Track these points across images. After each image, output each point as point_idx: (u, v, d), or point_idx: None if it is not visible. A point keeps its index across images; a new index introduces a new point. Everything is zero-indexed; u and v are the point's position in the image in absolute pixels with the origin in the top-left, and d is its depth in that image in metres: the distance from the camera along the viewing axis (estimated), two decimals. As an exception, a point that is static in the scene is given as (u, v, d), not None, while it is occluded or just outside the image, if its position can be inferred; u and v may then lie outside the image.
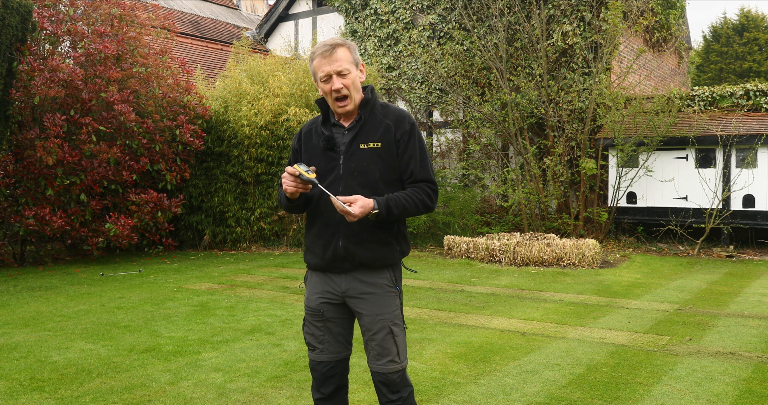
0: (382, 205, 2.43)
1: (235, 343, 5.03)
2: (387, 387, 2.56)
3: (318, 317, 2.63)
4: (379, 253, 2.53)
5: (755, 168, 10.44)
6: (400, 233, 2.60)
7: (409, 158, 2.54)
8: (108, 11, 10.13)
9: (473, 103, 12.46)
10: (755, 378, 4.12)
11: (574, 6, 11.81)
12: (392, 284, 2.58)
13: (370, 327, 2.56)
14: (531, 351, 4.76)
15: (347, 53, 2.51)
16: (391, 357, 2.56)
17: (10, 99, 9.02)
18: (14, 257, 9.76)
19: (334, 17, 15.53)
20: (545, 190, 11.85)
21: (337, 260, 2.54)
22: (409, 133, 2.56)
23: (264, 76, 11.67)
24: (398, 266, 2.64)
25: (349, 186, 2.50)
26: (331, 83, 2.49)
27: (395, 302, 2.59)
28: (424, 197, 2.53)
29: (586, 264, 8.95)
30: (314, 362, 2.67)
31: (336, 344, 2.65)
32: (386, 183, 2.53)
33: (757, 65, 27.68)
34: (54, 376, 4.23)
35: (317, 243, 2.58)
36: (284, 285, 7.80)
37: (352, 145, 2.53)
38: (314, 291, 2.64)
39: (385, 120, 2.56)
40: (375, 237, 2.52)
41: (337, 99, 2.52)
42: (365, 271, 2.55)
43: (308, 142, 2.64)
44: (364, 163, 2.51)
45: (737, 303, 6.58)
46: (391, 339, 2.55)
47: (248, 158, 11.38)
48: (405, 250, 2.63)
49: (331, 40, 2.51)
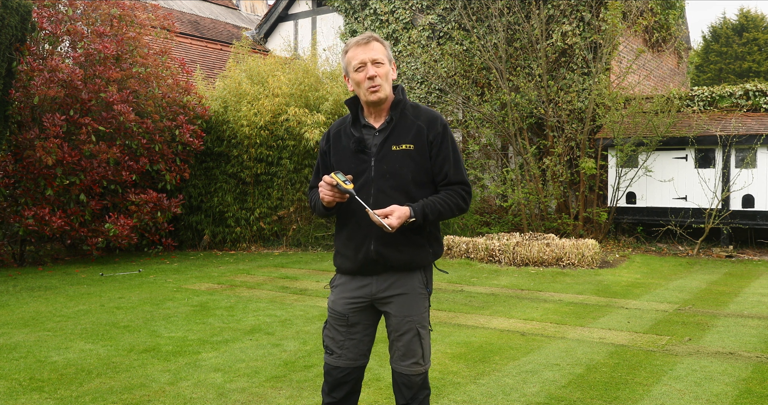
0: (418, 214, 2.40)
1: (234, 343, 5.03)
2: (408, 389, 2.54)
3: (342, 322, 2.58)
4: (411, 255, 2.50)
5: (755, 168, 10.44)
6: (432, 235, 2.58)
7: (443, 160, 2.52)
8: (107, 11, 10.13)
9: (473, 103, 12.46)
10: (755, 378, 4.12)
11: (573, 6, 11.81)
12: (423, 286, 2.56)
13: (397, 328, 2.53)
14: (530, 351, 4.76)
15: (382, 47, 2.51)
16: (416, 359, 2.54)
17: (10, 99, 9.02)
18: (14, 257, 9.76)
19: (333, 17, 15.54)
20: (545, 190, 11.85)
21: (369, 263, 2.51)
22: (442, 135, 2.53)
23: (264, 76, 11.67)
24: (430, 268, 2.61)
25: (380, 188, 2.47)
26: (365, 71, 2.46)
27: (425, 304, 2.57)
28: (458, 200, 2.51)
29: (585, 264, 8.96)
30: (330, 366, 2.62)
31: (355, 351, 2.60)
32: (418, 185, 2.50)
33: (757, 65, 27.69)
34: (53, 376, 4.23)
35: (349, 246, 2.55)
36: (284, 285, 7.80)
37: (384, 146, 2.50)
38: (342, 295, 2.60)
39: (417, 121, 2.53)
40: (408, 240, 2.49)
41: (369, 87, 2.48)
42: (397, 273, 2.52)
43: (337, 144, 2.60)
44: (396, 165, 2.48)
45: (737, 303, 6.59)
46: (418, 341, 2.53)
47: (248, 158, 11.38)
48: (438, 252, 2.61)
49: (368, 33, 2.53)
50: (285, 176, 11.35)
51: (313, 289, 7.54)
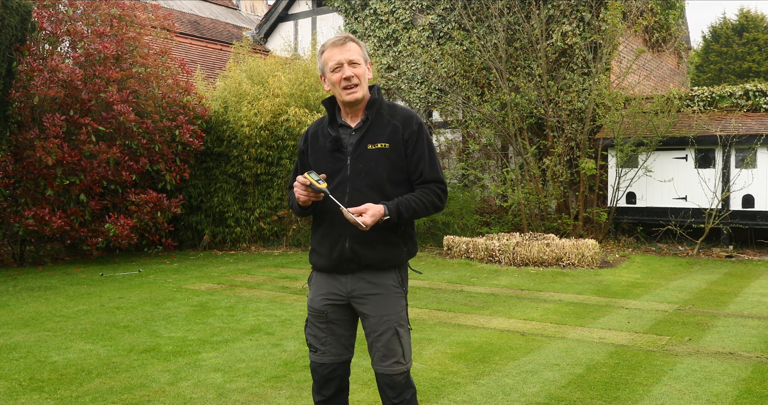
0: (392, 212, 2.42)
1: (234, 343, 5.03)
2: (392, 389, 2.55)
3: (321, 318, 2.61)
4: (386, 254, 2.52)
5: (754, 168, 10.44)
6: (407, 234, 2.60)
7: (418, 159, 2.54)
8: (107, 11, 10.13)
9: (473, 103, 12.46)
10: (754, 378, 4.12)
11: (573, 6, 11.81)
12: (399, 285, 2.57)
13: (375, 328, 2.54)
14: (530, 351, 4.76)
15: (358, 48, 2.54)
16: (397, 358, 2.55)
17: (10, 99, 9.02)
18: (14, 257, 9.76)
19: (333, 17, 15.54)
20: (545, 190, 11.85)
21: (343, 261, 2.53)
22: (417, 134, 2.55)
23: (264, 76, 11.67)
24: (405, 267, 2.63)
25: (356, 187, 2.50)
26: (342, 71, 2.48)
27: (401, 303, 2.58)
28: (433, 198, 2.53)
29: (585, 264, 8.96)
30: (315, 364, 2.65)
31: (338, 346, 2.63)
32: (393, 183, 2.52)
33: (757, 65, 27.69)
34: (53, 376, 4.23)
35: (323, 244, 2.58)
36: (284, 285, 7.80)
37: (360, 145, 2.53)
38: (318, 292, 2.63)
39: (392, 120, 2.56)
40: (382, 238, 2.51)
41: (345, 87, 2.50)
42: (372, 271, 2.54)
43: (315, 144, 2.63)
44: (372, 164, 2.51)
45: (737, 303, 6.59)
46: (397, 340, 2.54)
47: (248, 158, 11.38)
48: (412, 250, 2.62)
49: (343, 34, 2.55)
50: (285, 176, 11.35)
51: (313, 289, 7.53)
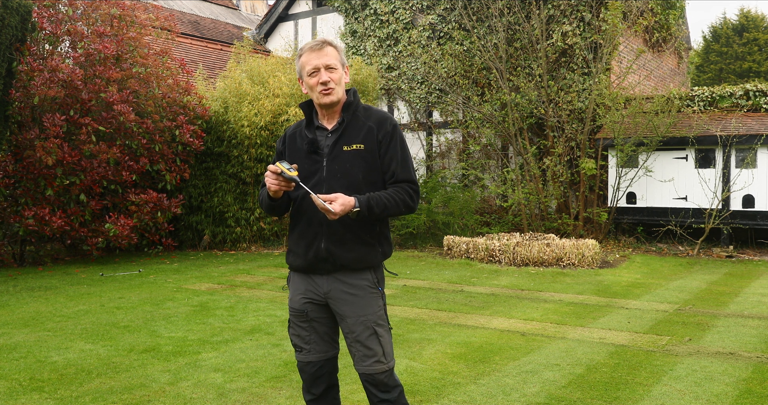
0: (363, 204, 2.45)
1: (234, 344, 5.03)
2: (376, 387, 2.58)
3: (303, 318, 2.64)
4: (360, 254, 2.55)
5: (755, 168, 10.44)
6: (382, 235, 2.63)
7: (391, 159, 2.57)
8: (107, 11, 10.13)
9: (473, 103, 12.46)
10: (755, 378, 4.12)
11: (573, 6, 11.81)
12: (374, 285, 2.60)
13: (353, 329, 2.57)
14: (531, 351, 4.76)
15: (335, 52, 2.57)
16: (377, 357, 2.56)
17: (10, 99, 9.02)
18: (14, 257, 9.76)
19: (333, 17, 15.53)
20: (545, 191, 11.85)
21: (319, 261, 2.56)
22: (390, 135, 2.59)
23: (264, 76, 11.67)
24: (380, 268, 2.66)
25: (332, 188, 2.52)
26: (318, 76, 2.53)
27: (378, 303, 2.60)
28: (405, 197, 2.55)
29: (585, 264, 8.95)
30: (302, 363, 2.69)
31: (323, 343, 2.66)
32: (369, 184, 2.55)
33: (757, 65, 27.69)
34: (54, 376, 4.23)
35: (300, 244, 2.61)
36: (284, 285, 7.80)
37: (336, 147, 2.57)
38: (297, 292, 2.66)
39: (367, 122, 2.60)
40: (357, 238, 2.54)
41: (323, 91, 2.54)
42: (347, 272, 2.57)
43: (292, 145, 2.68)
44: (348, 165, 2.54)
45: (737, 303, 6.58)
46: (375, 339, 2.56)
47: (248, 158, 11.38)
48: (387, 251, 2.65)
49: (321, 39, 2.59)
50: (285, 176, 11.33)
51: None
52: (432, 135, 14.11)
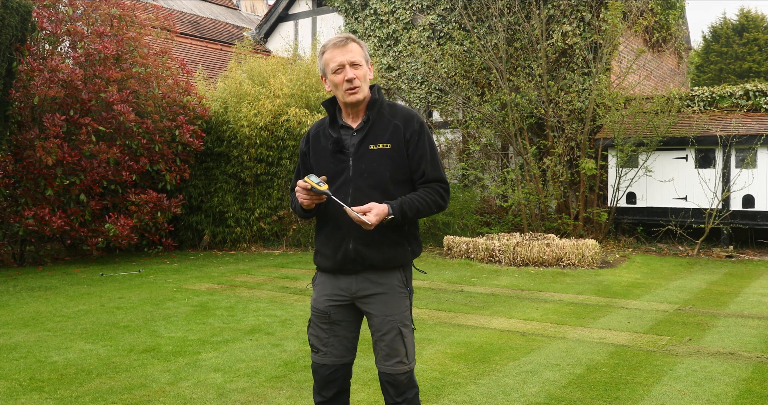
0: (396, 210, 2.42)
1: (234, 344, 5.03)
2: (394, 388, 2.55)
3: (324, 319, 2.61)
4: (390, 254, 2.52)
5: (755, 168, 10.44)
6: (411, 234, 2.59)
7: (420, 158, 2.53)
8: (107, 11, 10.13)
9: (473, 103, 12.46)
10: (755, 378, 4.12)
11: (573, 6, 11.81)
12: (403, 285, 2.57)
13: (379, 328, 2.54)
14: (531, 351, 4.76)
15: (359, 48, 2.53)
16: (400, 358, 2.55)
17: (10, 99, 9.02)
18: (14, 257, 9.76)
19: (333, 17, 15.53)
20: (545, 191, 11.84)
21: (347, 262, 2.52)
22: (418, 133, 2.55)
23: (265, 76, 11.67)
24: (409, 267, 2.62)
25: (358, 187, 2.49)
26: (343, 73, 2.48)
27: (405, 303, 2.58)
28: (436, 197, 2.53)
29: (585, 264, 8.95)
30: (317, 365, 2.65)
31: (340, 348, 2.62)
32: (396, 183, 2.52)
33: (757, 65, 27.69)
34: (53, 376, 4.23)
35: (328, 245, 2.57)
36: (284, 285, 7.79)
37: (361, 146, 2.52)
38: (322, 293, 2.62)
39: (393, 120, 2.55)
40: (386, 238, 2.50)
41: (348, 89, 2.50)
42: (376, 271, 2.54)
43: (316, 145, 2.62)
44: (374, 165, 2.50)
45: (737, 303, 6.58)
46: (401, 340, 2.54)
47: (248, 159, 11.38)
48: (416, 250, 2.62)
49: (344, 35, 2.54)
50: (285, 176, 11.35)
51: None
52: (432, 134, 14.09)
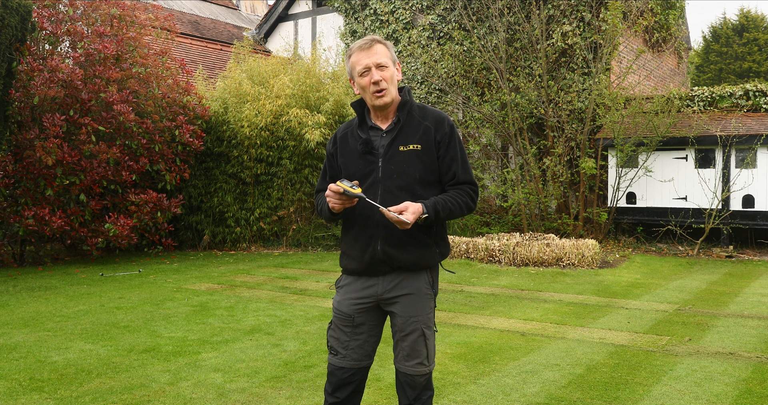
0: (430, 209, 2.42)
1: (234, 344, 5.03)
2: (412, 389, 2.55)
3: (348, 322, 2.59)
4: (418, 255, 2.51)
5: (755, 168, 10.44)
6: (439, 235, 2.59)
7: (451, 160, 2.54)
8: (107, 11, 10.13)
9: (473, 103, 12.46)
10: (755, 378, 4.12)
11: (573, 6, 11.81)
12: (429, 286, 2.57)
13: (403, 328, 2.54)
14: (530, 351, 4.76)
15: (385, 49, 2.52)
16: (421, 359, 2.55)
17: (10, 99, 9.02)
18: (14, 257, 9.76)
19: (333, 17, 15.53)
20: (545, 191, 11.84)
21: (375, 263, 2.52)
22: (449, 136, 2.55)
23: (265, 76, 11.67)
24: (436, 268, 2.62)
25: (387, 188, 2.49)
26: (370, 75, 2.48)
27: (430, 305, 2.57)
28: (467, 199, 2.54)
29: (585, 264, 8.95)
30: (334, 367, 2.63)
31: (360, 352, 2.61)
32: (424, 185, 2.52)
33: (757, 66, 27.69)
34: (53, 376, 4.23)
35: (355, 246, 2.56)
36: (284, 285, 7.80)
37: (391, 147, 2.52)
38: (347, 295, 2.60)
39: (423, 122, 2.55)
40: (414, 239, 2.50)
41: (375, 92, 2.50)
42: (403, 273, 2.53)
43: (344, 146, 2.62)
44: (404, 166, 2.50)
45: (737, 303, 6.59)
46: (423, 341, 2.54)
47: (248, 159, 11.38)
48: (444, 252, 2.62)
49: (369, 37, 2.54)
50: (285, 176, 11.35)
51: (313, 289, 7.54)
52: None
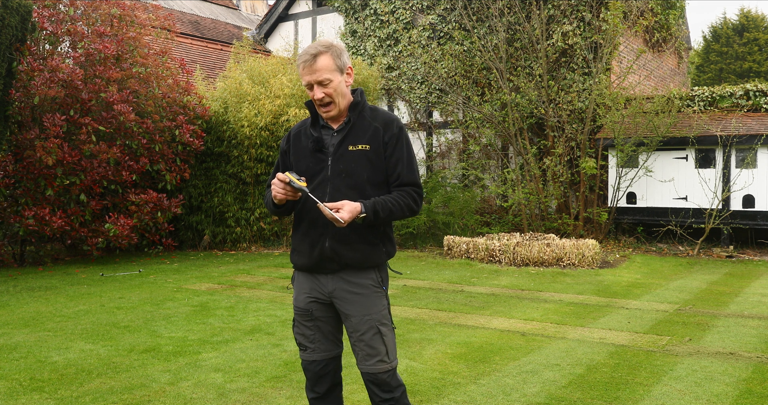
0: (369, 209, 2.46)
1: (234, 344, 5.03)
2: (378, 387, 2.59)
3: (307, 317, 2.66)
4: (365, 254, 2.56)
5: (755, 168, 10.44)
6: (386, 235, 2.64)
7: (397, 161, 2.58)
8: (108, 11, 10.13)
9: (473, 103, 12.46)
10: (755, 378, 4.12)
11: (574, 6, 11.81)
12: (378, 285, 2.61)
13: (357, 328, 2.58)
14: (531, 351, 4.76)
15: (329, 61, 2.49)
16: (380, 357, 2.57)
17: (10, 99, 9.01)
18: (14, 257, 9.76)
19: (333, 17, 15.53)
20: (545, 191, 11.84)
21: (323, 260, 2.57)
22: (397, 137, 2.59)
23: (265, 76, 11.67)
24: (384, 267, 2.67)
25: (336, 187, 2.54)
26: (313, 92, 2.53)
27: (382, 302, 2.62)
28: (410, 201, 2.57)
29: (585, 264, 8.95)
30: (307, 362, 2.70)
31: (327, 342, 2.68)
32: (373, 185, 2.56)
33: (757, 65, 27.68)
34: (54, 376, 4.23)
35: (304, 243, 2.62)
36: (284, 285, 7.80)
37: (341, 146, 2.57)
38: (302, 291, 2.67)
39: (373, 123, 2.60)
40: (361, 238, 2.55)
41: (320, 105, 2.56)
42: (351, 271, 2.58)
43: (297, 144, 2.68)
44: (352, 165, 2.55)
45: (737, 303, 6.58)
46: (380, 338, 2.57)
47: (248, 159, 11.38)
48: (391, 251, 2.67)
49: (313, 48, 2.50)
50: (285, 176, 11.34)
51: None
52: (432, 135, 14.11)
